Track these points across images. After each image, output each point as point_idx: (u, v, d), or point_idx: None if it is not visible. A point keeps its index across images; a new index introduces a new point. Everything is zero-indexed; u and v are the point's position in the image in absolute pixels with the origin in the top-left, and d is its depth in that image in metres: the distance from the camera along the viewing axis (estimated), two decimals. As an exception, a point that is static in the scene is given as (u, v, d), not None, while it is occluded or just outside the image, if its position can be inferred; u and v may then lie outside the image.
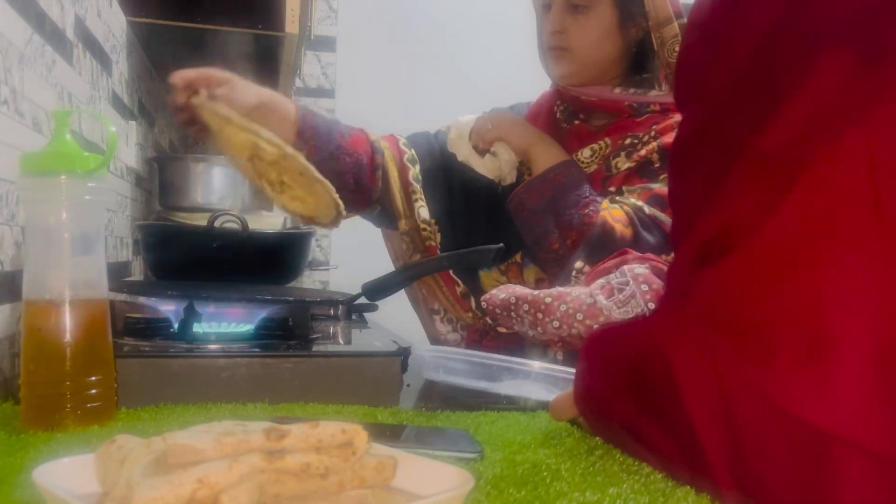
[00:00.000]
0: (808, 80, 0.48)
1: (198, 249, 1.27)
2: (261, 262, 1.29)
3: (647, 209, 1.12)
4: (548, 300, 1.00)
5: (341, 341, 0.94)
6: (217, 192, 1.75)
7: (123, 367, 0.68)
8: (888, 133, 0.45)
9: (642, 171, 1.16)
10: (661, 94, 1.20)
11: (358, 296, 1.11)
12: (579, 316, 0.98)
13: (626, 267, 0.99)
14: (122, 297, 0.92)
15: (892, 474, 0.42)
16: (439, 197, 1.29)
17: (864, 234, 0.45)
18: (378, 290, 1.13)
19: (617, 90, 1.21)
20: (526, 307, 1.01)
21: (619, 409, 0.58)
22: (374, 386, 0.76)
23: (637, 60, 1.21)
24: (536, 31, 1.25)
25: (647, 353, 0.54)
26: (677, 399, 0.50)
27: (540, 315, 1.00)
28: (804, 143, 0.47)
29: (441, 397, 0.81)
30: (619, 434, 0.59)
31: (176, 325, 0.84)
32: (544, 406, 0.71)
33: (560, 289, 1.03)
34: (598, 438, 0.62)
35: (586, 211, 1.13)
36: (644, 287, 0.95)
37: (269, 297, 0.94)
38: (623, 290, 0.96)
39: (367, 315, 1.30)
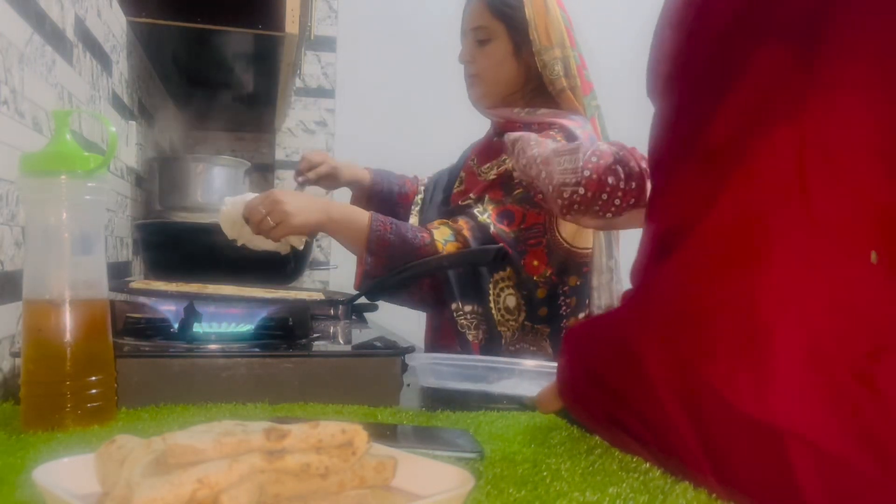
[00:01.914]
0: (748, 75, 0.49)
1: (198, 249, 1.27)
2: (261, 262, 1.29)
3: (492, 228, 1.22)
4: (531, 142, 1.06)
5: (341, 341, 0.94)
6: (217, 192, 1.75)
7: (123, 367, 0.68)
8: (818, 127, 0.45)
9: (504, 183, 1.28)
10: (547, 112, 1.32)
11: (358, 296, 1.11)
12: (539, 160, 1.02)
13: (599, 141, 1.04)
14: (122, 296, 0.92)
15: (832, 465, 0.43)
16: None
17: (795, 229, 0.45)
18: (378, 290, 1.13)
19: (516, 110, 1.37)
20: (520, 143, 1.08)
21: (600, 401, 0.58)
22: (374, 386, 0.77)
23: (542, 83, 1.37)
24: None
25: (619, 346, 0.55)
26: (651, 391, 0.50)
27: (520, 153, 1.07)
28: (742, 137, 0.48)
29: (441, 399, 0.81)
30: (603, 424, 0.59)
31: (176, 325, 0.84)
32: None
33: (556, 143, 1.09)
34: (597, 437, 0.62)
35: (422, 254, 1.17)
36: (594, 157, 0.98)
37: (269, 297, 0.94)
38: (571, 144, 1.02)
39: (367, 315, 1.30)
